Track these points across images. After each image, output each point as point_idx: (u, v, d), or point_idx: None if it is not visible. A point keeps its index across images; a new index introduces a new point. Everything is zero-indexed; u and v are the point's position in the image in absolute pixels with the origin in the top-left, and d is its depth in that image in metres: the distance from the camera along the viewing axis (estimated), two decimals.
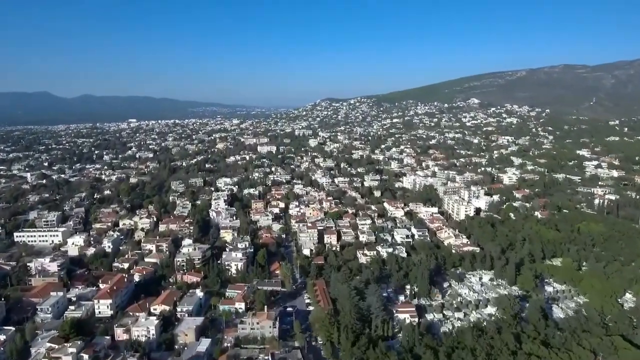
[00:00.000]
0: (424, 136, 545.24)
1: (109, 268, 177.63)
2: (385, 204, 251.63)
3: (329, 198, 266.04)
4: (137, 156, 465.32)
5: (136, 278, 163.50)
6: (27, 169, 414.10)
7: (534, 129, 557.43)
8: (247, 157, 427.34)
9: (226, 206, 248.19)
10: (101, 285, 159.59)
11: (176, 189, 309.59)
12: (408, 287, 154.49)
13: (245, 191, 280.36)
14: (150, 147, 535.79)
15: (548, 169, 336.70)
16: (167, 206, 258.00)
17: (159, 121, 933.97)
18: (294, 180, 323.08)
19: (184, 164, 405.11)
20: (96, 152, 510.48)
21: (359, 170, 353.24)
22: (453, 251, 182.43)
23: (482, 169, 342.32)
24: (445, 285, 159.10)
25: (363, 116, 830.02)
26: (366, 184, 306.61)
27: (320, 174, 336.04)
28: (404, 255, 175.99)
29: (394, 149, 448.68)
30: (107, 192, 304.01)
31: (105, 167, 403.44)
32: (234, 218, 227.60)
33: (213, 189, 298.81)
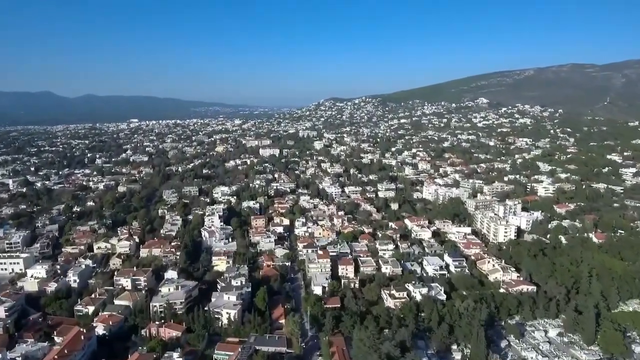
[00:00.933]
0: (435, 138, 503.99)
1: (70, 312, 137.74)
2: (407, 221, 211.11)
3: (340, 212, 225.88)
4: (131, 160, 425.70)
5: (100, 330, 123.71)
6: (11, 174, 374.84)
7: (552, 131, 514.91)
8: (248, 162, 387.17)
9: (221, 223, 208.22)
10: (56, 339, 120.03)
11: (168, 199, 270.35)
12: (455, 347, 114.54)
13: (245, 204, 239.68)
14: (146, 149, 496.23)
15: (581, 176, 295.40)
16: (154, 222, 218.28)
17: (160, 121, 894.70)
18: (300, 190, 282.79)
19: (179, 169, 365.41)
20: (89, 155, 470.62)
21: (370, 177, 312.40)
22: (502, 290, 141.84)
23: (509, 176, 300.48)
24: (503, 344, 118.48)
25: (368, 116, 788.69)
26: (380, 194, 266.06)
27: (329, 181, 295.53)
28: (443, 297, 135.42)
29: (405, 153, 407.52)
30: (90, 203, 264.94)
31: (95, 173, 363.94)
32: (230, 240, 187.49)
33: (208, 200, 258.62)
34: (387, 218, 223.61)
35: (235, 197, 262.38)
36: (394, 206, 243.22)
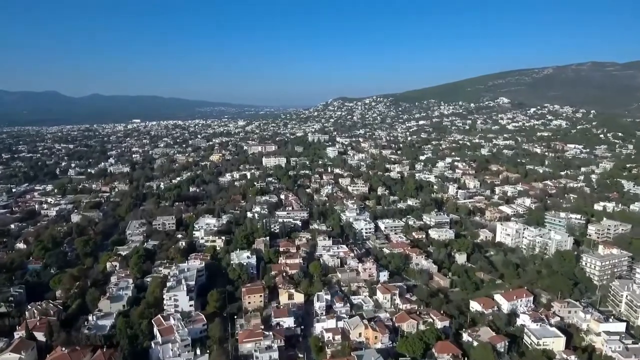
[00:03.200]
0: (467, 143, 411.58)
1: None
2: (500, 299, 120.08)
3: (382, 274, 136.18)
4: (110, 170, 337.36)
5: None
6: None
7: (601, 135, 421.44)
8: (248, 175, 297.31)
9: (191, 304, 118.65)
10: None
11: (130, 238, 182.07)
12: None
13: (234, 257, 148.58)
14: (133, 156, 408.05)
15: None
16: (88, 290, 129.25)
17: (160, 122, 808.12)
18: (315, 224, 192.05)
19: (161, 185, 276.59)
20: (63, 163, 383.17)
21: (410, 202, 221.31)
22: None
23: (602, 204, 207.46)
24: None
25: (382, 117, 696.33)
26: (433, 234, 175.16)
27: (353, 209, 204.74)
28: None
29: (441, 164, 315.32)
30: (19, 244, 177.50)
31: (56, 191, 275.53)
32: (198, 351, 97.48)
33: (184, 243, 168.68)
34: (459, 285, 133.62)
35: (224, 237, 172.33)
36: (460, 259, 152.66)
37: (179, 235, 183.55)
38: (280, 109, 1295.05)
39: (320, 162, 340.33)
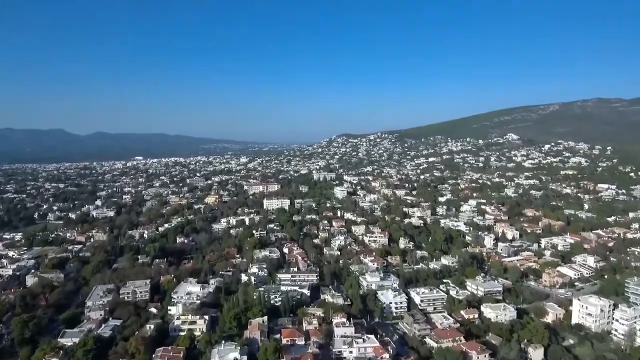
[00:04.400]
0: (487, 182, 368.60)
1: None
2: None
3: None
4: (92, 215, 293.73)
5: None
6: None
7: (632, 174, 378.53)
8: (247, 220, 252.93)
9: None
10: None
11: (88, 314, 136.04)
12: None
13: None
14: (124, 197, 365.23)
15: None
16: None
17: (162, 159, 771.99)
18: (327, 294, 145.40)
19: (145, 234, 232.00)
20: (45, 206, 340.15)
21: (444, 261, 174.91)
22: None
23: None
24: None
25: (388, 153, 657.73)
26: (490, 313, 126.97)
27: (376, 275, 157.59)
28: None
29: (466, 207, 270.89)
30: None
31: (22, 241, 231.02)
32: None
33: (153, 328, 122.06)
34: None
35: (206, 317, 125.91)
36: (535, 355, 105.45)
37: (152, 310, 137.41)
38: (284, 145, 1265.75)
39: (328, 205, 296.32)
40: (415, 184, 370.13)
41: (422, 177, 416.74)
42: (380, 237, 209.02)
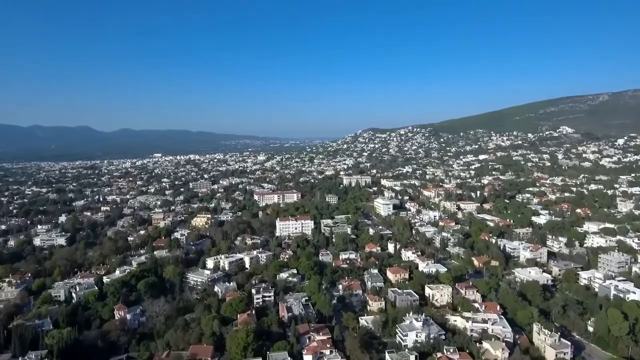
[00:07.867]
0: (581, 189, 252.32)
1: None
2: None
3: None
4: (33, 245, 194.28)
5: None
6: None
7: None
8: (247, 261, 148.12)
9: None
10: None
11: None
12: None
13: None
14: (102, 208, 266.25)
15: None
16: None
17: (177, 157, 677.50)
18: None
19: (74, 291, 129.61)
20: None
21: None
22: None
23: None
24: None
25: (424, 150, 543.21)
26: None
27: None
28: None
29: (596, 240, 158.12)
30: None
31: None
32: None
33: None
34: None
35: None
36: None
37: None
38: (306, 141, 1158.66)
39: (369, 230, 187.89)
40: (482, 192, 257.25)
41: (483, 181, 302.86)
42: (492, 323, 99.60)
